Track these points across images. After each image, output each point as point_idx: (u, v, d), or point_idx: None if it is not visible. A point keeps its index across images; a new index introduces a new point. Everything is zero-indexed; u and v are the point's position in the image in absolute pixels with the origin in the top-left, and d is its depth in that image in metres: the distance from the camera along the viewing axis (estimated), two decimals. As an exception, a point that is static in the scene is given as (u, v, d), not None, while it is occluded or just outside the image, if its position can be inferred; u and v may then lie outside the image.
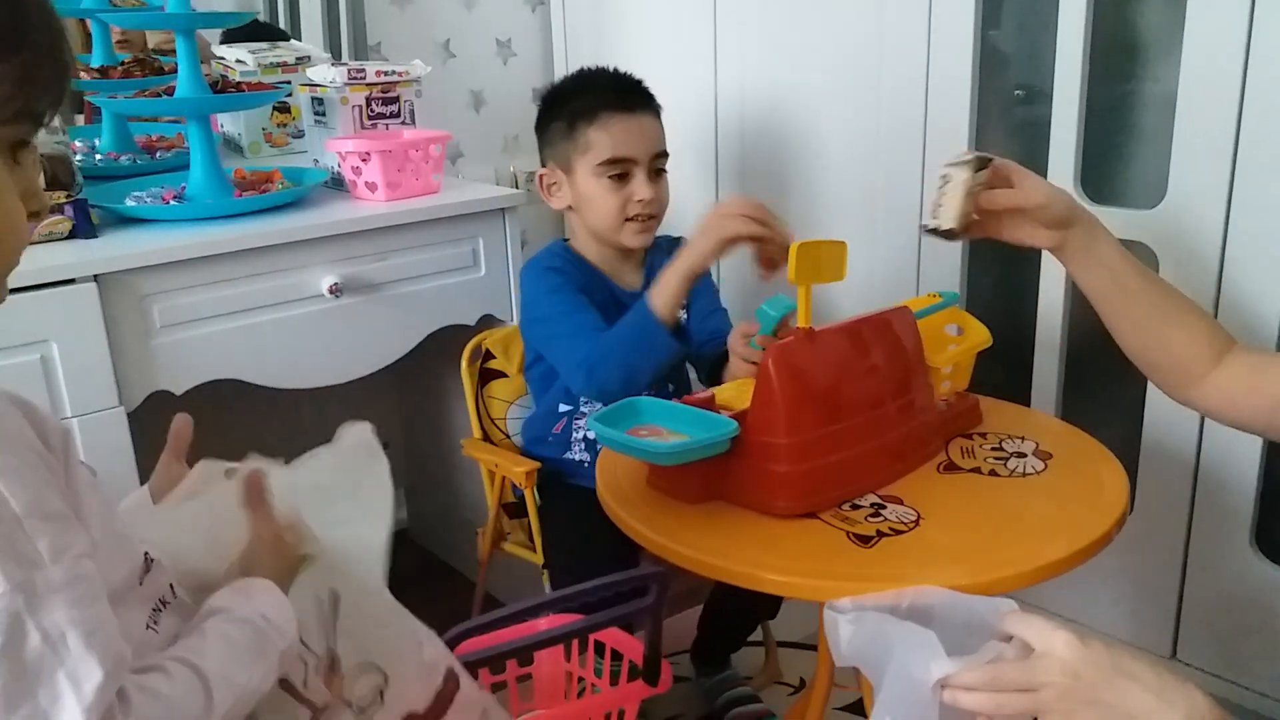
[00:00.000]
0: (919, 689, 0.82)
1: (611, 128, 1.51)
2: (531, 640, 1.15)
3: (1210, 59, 1.40)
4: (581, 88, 1.57)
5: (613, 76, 1.59)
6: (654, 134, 1.56)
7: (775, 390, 1.08)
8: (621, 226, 1.54)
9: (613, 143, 1.51)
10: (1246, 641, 1.55)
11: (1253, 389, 1.06)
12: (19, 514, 0.60)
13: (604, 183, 1.52)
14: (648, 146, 1.54)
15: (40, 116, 0.67)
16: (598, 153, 1.51)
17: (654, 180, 1.54)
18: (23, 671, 0.59)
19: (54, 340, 1.34)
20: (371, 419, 0.97)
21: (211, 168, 1.63)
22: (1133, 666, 0.77)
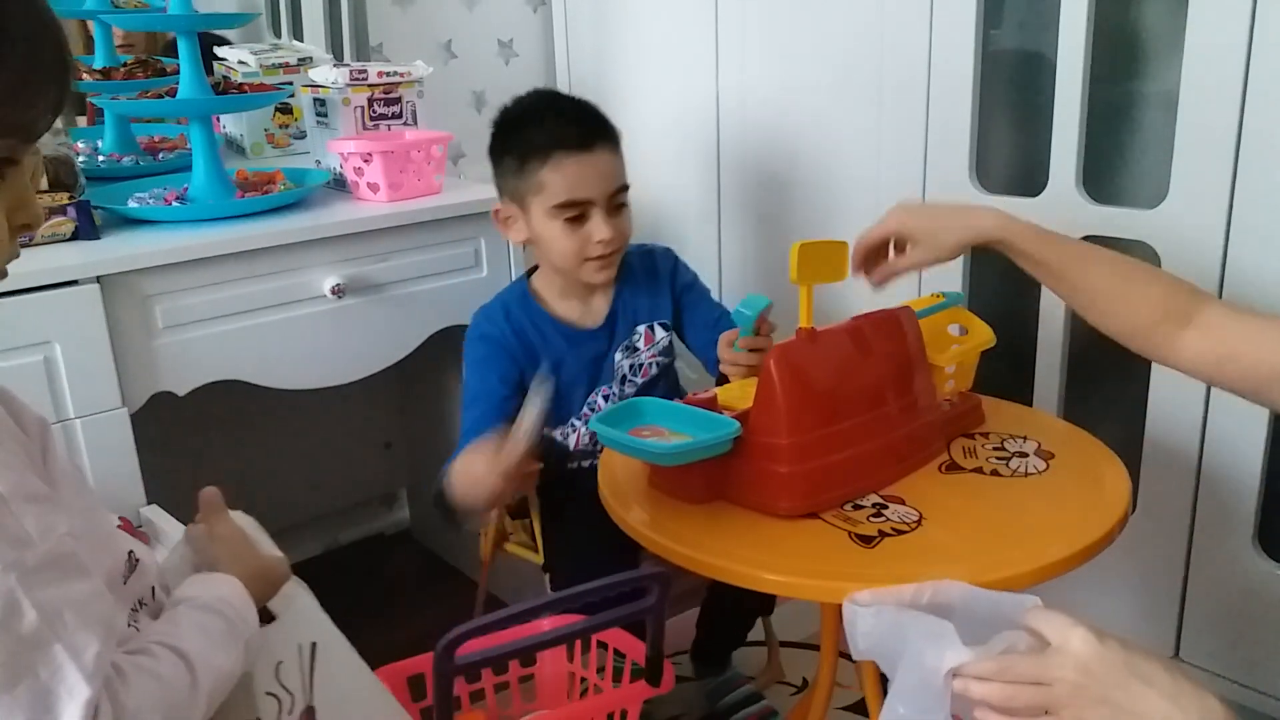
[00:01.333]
0: (931, 677, 0.82)
1: (564, 169, 1.41)
2: (534, 641, 1.15)
3: (1212, 58, 1.40)
4: (533, 120, 1.47)
5: (566, 109, 1.48)
6: (610, 171, 1.45)
7: (777, 390, 1.08)
8: (581, 265, 1.46)
9: (566, 185, 1.41)
10: (1249, 641, 1.55)
11: (1229, 356, 1.04)
12: (5, 496, 0.61)
13: (559, 224, 1.43)
14: (604, 186, 1.43)
15: (28, 130, 0.66)
16: (551, 194, 1.42)
17: (613, 216, 1.45)
18: (21, 649, 0.60)
19: (57, 341, 1.35)
20: (373, 419, 0.98)
21: (214, 169, 1.63)
22: (1148, 669, 0.77)
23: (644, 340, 1.54)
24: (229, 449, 2.03)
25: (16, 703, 0.59)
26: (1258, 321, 1.04)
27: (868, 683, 1.31)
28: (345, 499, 2.28)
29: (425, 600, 2.01)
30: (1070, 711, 0.78)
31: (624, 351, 1.54)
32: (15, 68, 0.63)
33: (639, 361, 1.54)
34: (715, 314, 1.58)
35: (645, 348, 1.54)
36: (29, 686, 0.60)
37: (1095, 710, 0.77)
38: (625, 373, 1.53)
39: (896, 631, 0.86)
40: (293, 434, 2.12)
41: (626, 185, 1.48)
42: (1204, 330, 1.06)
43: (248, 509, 1.05)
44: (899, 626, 0.86)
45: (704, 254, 2.15)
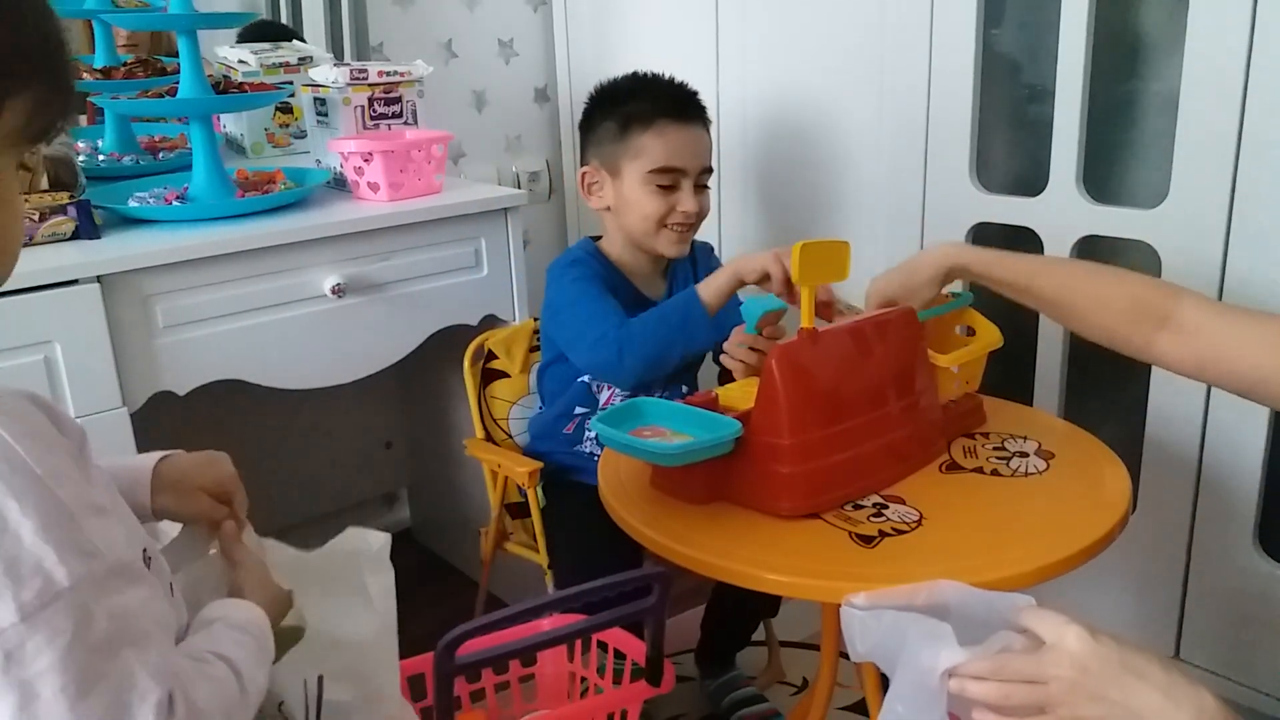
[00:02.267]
0: (928, 678, 0.83)
1: (667, 135, 1.51)
2: (534, 640, 1.15)
3: (1213, 58, 1.40)
4: (639, 92, 1.56)
5: (671, 84, 1.58)
6: (704, 147, 1.57)
7: (779, 391, 1.08)
8: (659, 233, 1.55)
9: (666, 151, 1.51)
10: (1249, 640, 1.55)
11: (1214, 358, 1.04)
12: (71, 509, 0.63)
13: (650, 189, 1.52)
14: (698, 159, 1.55)
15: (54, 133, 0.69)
16: (649, 159, 1.51)
17: (698, 192, 1.55)
18: (93, 657, 0.61)
19: (57, 341, 1.35)
20: (374, 419, 0.98)
21: (214, 168, 1.63)
22: (1142, 665, 0.77)
23: None
24: (229, 449, 2.02)
25: (91, 710, 0.61)
26: (1238, 320, 1.03)
27: (868, 683, 1.31)
28: (346, 498, 2.29)
29: (426, 600, 2.02)
30: (1066, 709, 0.78)
31: None
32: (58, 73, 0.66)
33: None
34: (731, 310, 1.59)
35: None
36: (102, 693, 0.61)
37: (1091, 707, 0.77)
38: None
39: (894, 633, 0.87)
40: (293, 434, 2.12)
41: (712, 168, 1.58)
42: (1180, 333, 1.05)
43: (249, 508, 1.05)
44: (897, 628, 0.87)
45: (704, 253, 2.15)
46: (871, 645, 0.89)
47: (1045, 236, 1.64)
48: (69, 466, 0.65)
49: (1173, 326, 1.06)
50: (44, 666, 0.60)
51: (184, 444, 1.98)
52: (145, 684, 0.63)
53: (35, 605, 0.60)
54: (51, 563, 0.60)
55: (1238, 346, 1.02)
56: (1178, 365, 1.07)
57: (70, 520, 0.62)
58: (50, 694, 0.59)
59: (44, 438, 0.64)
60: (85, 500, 0.65)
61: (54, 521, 0.61)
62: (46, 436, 0.65)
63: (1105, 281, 1.13)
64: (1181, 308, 1.06)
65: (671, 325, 1.42)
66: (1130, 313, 1.09)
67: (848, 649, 0.91)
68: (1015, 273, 1.18)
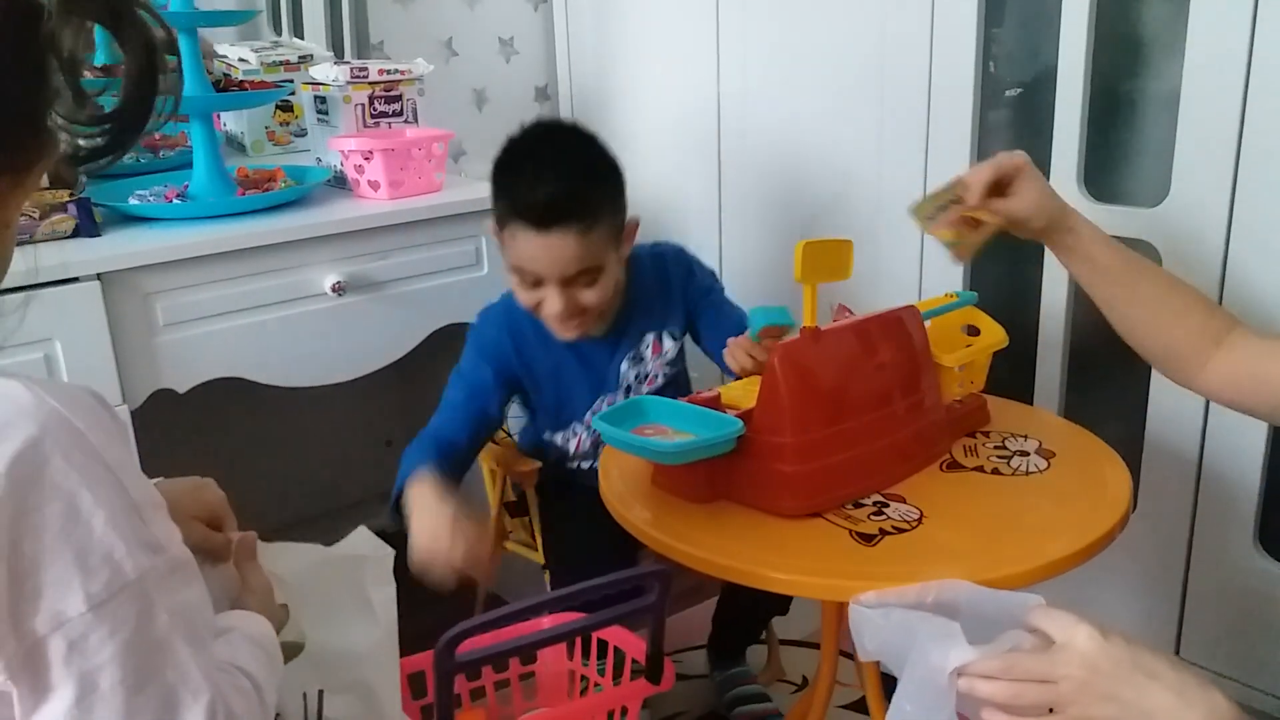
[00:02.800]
0: (937, 676, 0.82)
1: (518, 240, 1.35)
2: (534, 639, 1.15)
3: (1213, 56, 1.40)
4: (511, 174, 1.38)
5: (545, 173, 1.34)
6: (569, 255, 1.33)
7: (781, 389, 1.07)
8: (540, 318, 1.41)
9: (519, 256, 1.36)
10: (1250, 639, 1.55)
11: (1257, 377, 1.05)
12: (138, 503, 0.63)
13: (516, 279, 1.39)
14: (559, 269, 1.34)
15: None
16: (510, 253, 1.38)
17: (570, 289, 1.36)
18: (152, 651, 0.62)
19: (57, 339, 1.35)
20: (374, 417, 0.97)
21: (214, 166, 1.63)
22: (1154, 664, 0.77)
23: (652, 350, 1.52)
24: (229, 446, 2.03)
25: (146, 703, 0.61)
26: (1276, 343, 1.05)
27: (868, 681, 1.31)
28: (346, 496, 2.28)
29: (425, 598, 2.01)
30: (1076, 708, 0.78)
31: (630, 361, 1.51)
32: None
33: (645, 371, 1.53)
34: (735, 316, 1.50)
35: (653, 357, 1.52)
36: (157, 687, 0.62)
37: (1101, 706, 0.77)
38: (630, 382, 1.52)
39: (903, 632, 0.86)
40: (293, 431, 2.12)
41: (597, 266, 1.36)
42: (1228, 351, 1.07)
43: (248, 507, 1.05)
44: (905, 627, 0.86)
45: (705, 252, 2.14)
46: (880, 644, 0.89)
47: (1046, 235, 1.64)
48: (131, 459, 0.65)
49: (1225, 345, 1.07)
50: (105, 658, 0.60)
51: (184, 441, 1.99)
52: (198, 683, 0.63)
53: (103, 596, 0.60)
54: (121, 554, 0.61)
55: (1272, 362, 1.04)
56: (1218, 386, 1.08)
57: (136, 513, 0.63)
58: (108, 686, 0.60)
59: (109, 429, 0.64)
60: (147, 494, 0.65)
61: (122, 513, 0.61)
62: (111, 429, 0.65)
63: (1189, 293, 1.11)
64: (1235, 329, 1.08)
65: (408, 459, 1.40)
66: (1200, 328, 1.08)
67: (856, 648, 0.91)
68: (1125, 262, 1.12)
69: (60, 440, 0.60)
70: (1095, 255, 1.13)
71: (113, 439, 0.64)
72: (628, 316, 1.51)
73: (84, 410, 0.63)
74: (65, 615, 0.59)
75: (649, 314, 1.52)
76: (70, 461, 0.60)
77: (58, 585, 0.59)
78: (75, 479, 0.60)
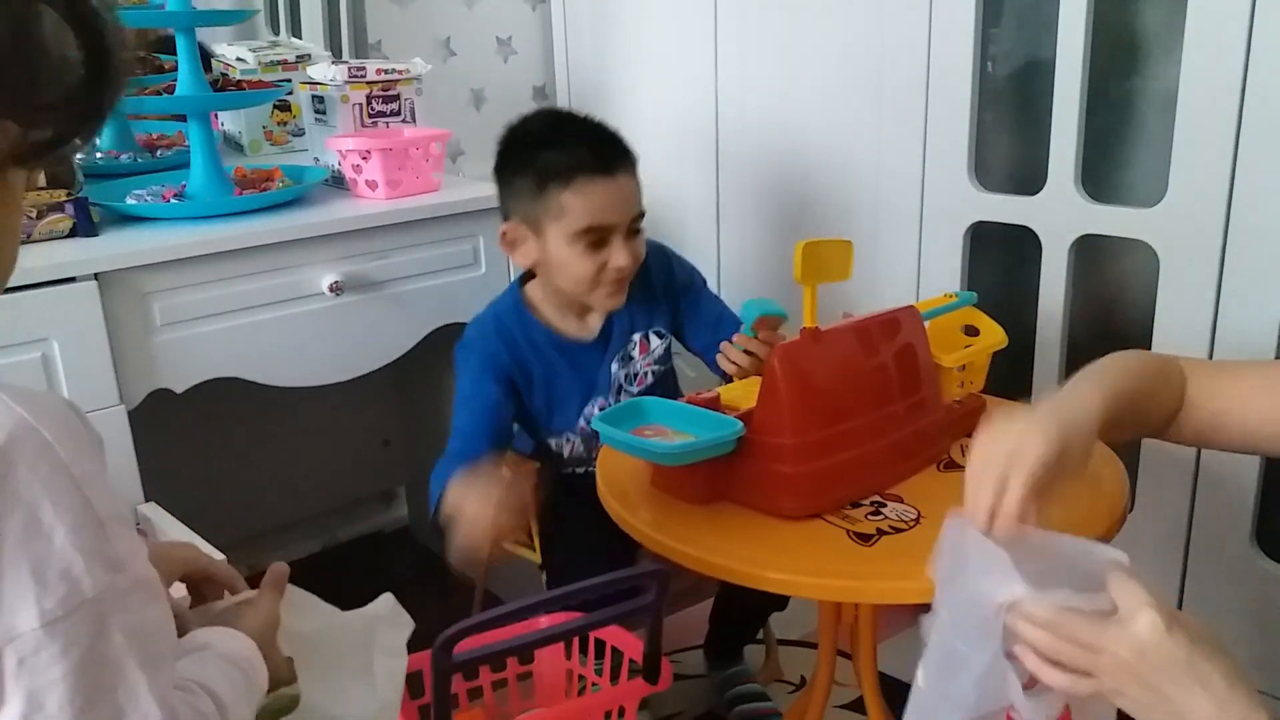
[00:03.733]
0: (984, 608, 0.79)
1: (589, 194, 1.36)
2: (531, 638, 1.14)
3: (1211, 56, 1.40)
4: (553, 141, 1.40)
5: (588, 131, 1.42)
6: (633, 196, 1.41)
7: (781, 390, 1.07)
8: (593, 291, 1.42)
9: (590, 211, 1.36)
10: (1248, 640, 1.55)
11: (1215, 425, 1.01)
12: (103, 518, 0.61)
13: (577, 249, 1.38)
14: (627, 210, 1.39)
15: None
16: (573, 220, 1.36)
17: (630, 241, 1.41)
18: (104, 671, 0.60)
19: (55, 338, 1.34)
20: (372, 417, 0.97)
21: (212, 166, 1.63)
22: (1207, 669, 0.74)
23: (639, 349, 1.53)
24: (227, 446, 2.03)
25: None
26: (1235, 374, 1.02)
27: (866, 681, 1.31)
28: (343, 496, 2.28)
29: (423, 598, 1.99)
30: (1112, 681, 0.76)
31: (619, 362, 1.52)
32: None
33: (634, 371, 1.53)
34: (716, 312, 1.56)
35: (640, 357, 1.53)
36: (106, 708, 0.60)
37: (1138, 691, 0.75)
38: (621, 383, 1.52)
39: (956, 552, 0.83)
40: (291, 431, 2.12)
41: (644, 211, 1.43)
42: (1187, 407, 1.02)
43: (246, 507, 1.05)
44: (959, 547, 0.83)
45: (703, 252, 2.15)
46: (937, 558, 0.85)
47: (1043, 235, 1.64)
48: (101, 473, 0.64)
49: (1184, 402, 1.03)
50: (55, 677, 0.58)
51: (181, 441, 1.99)
52: (148, 707, 0.61)
53: (57, 613, 0.58)
54: (79, 571, 0.59)
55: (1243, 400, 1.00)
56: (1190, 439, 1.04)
57: (100, 528, 0.61)
58: (55, 706, 0.58)
59: (80, 441, 0.63)
60: (113, 509, 0.63)
61: (85, 528, 0.60)
62: (82, 440, 0.63)
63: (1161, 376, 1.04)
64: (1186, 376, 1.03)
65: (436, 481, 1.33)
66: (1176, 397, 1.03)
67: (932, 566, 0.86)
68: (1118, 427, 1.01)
69: (26, 450, 0.58)
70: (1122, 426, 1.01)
71: (83, 451, 0.62)
72: (615, 319, 1.51)
73: (54, 421, 0.61)
74: (17, 630, 0.57)
75: (634, 314, 1.52)
76: (35, 472, 0.58)
77: (12, 599, 0.57)
78: (38, 490, 0.58)
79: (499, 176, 1.47)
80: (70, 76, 0.61)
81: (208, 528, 1.32)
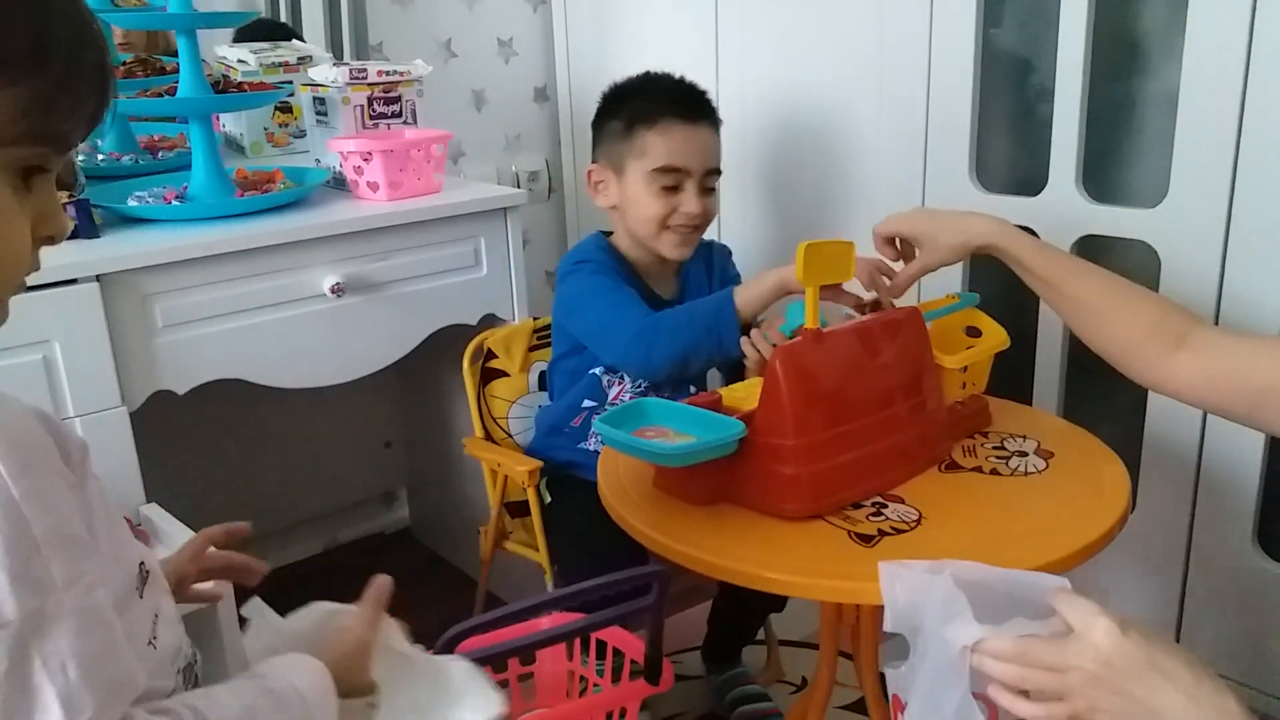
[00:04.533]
0: (949, 651, 0.82)
1: (670, 134, 1.50)
2: (533, 639, 1.14)
3: (1212, 57, 1.40)
4: (646, 89, 1.55)
5: (680, 83, 1.57)
6: (711, 148, 1.55)
7: (783, 391, 1.07)
8: (661, 234, 1.53)
9: (669, 150, 1.50)
10: (1249, 639, 1.55)
11: (1229, 375, 1.04)
12: (38, 538, 0.59)
13: (653, 189, 1.50)
14: (703, 159, 1.52)
15: (62, 140, 0.64)
16: (652, 158, 1.50)
17: (703, 194, 1.53)
18: (19, 697, 0.58)
19: (56, 340, 1.35)
20: (373, 418, 0.96)
21: (213, 168, 1.63)
22: (1169, 664, 0.76)
23: None
24: (229, 448, 2.03)
25: None
26: (1249, 341, 1.05)
27: (867, 682, 1.31)
28: (345, 498, 2.29)
29: (425, 598, 2.01)
30: (1083, 700, 0.77)
31: None
32: (56, 75, 0.62)
33: None
34: None
35: None
36: None
37: (1109, 701, 0.77)
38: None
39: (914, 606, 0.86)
40: (292, 433, 2.12)
41: (720, 170, 1.56)
42: (1195, 351, 1.06)
43: (248, 507, 1.05)
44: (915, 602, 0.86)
45: (704, 253, 2.15)
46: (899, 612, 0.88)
47: (1045, 236, 1.63)
48: (54, 491, 0.61)
49: (1189, 345, 1.07)
50: None
51: (183, 443, 1.99)
52: None
53: None
54: (3, 593, 0.57)
55: (1248, 361, 1.03)
56: (1188, 384, 1.07)
57: (33, 550, 0.58)
58: None
59: (36, 453, 0.61)
60: (60, 530, 0.61)
61: (15, 549, 0.57)
62: (39, 457, 0.61)
63: (1136, 294, 1.13)
64: (1197, 329, 1.08)
65: (700, 326, 1.40)
66: (1153, 327, 1.09)
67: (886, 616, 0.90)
68: (1051, 267, 1.16)
69: None
70: (1027, 263, 1.17)
71: (37, 465, 0.60)
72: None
73: (7, 433, 0.59)
74: None
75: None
76: None
77: None
78: None
79: (595, 125, 1.60)
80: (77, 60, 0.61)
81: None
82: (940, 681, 0.84)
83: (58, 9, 0.62)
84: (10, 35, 0.59)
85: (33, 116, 0.61)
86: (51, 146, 0.64)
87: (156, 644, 0.74)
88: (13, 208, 0.63)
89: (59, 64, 0.62)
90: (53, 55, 0.61)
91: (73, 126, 0.65)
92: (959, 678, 0.83)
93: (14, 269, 0.64)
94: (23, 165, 0.63)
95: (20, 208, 0.63)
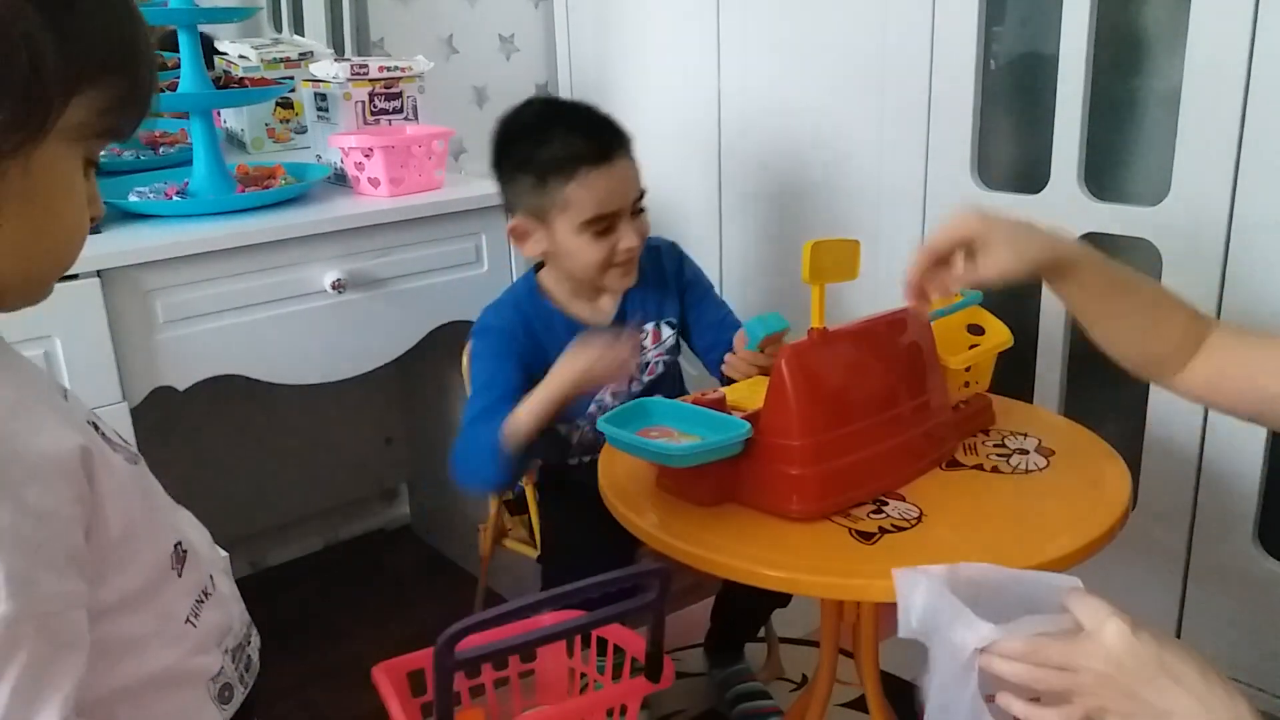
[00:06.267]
0: (960, 654, 0.82)
1: (592, 184, 1.38)
2: (533, 636, 1.14)
3: (1214, 55, 1.40)
4: (548, 136, 1.41)
5: (581, 120, 1.44)
6: (633, 179, 1.44)
7: (788, 391, 1.07)
8: (605, 274, 1.45)
9: (595, 200, 1.39)
10: (1249, 638, 1.55)
11: (1236, 378, 1.03)
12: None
13: (586, 237, 1.41)
14: (629, 193, 1.43)
15: (121, 135, 0.70)
16: (578, 211, 1.39)
17: (636, 221, 1.45)
18: None
19: (57, 335, 1.35)
20: (374, 414, 0.96)
21: (214, 163, 1.63)
22: (1180, 667, 0.76)
23: (651, 339, 1.54)
24: (229, 444, 2.03)
25: None
26: (1259, 341, 1.04)
27: (868, 680, 1.31)
28: (345, 494, 2.29)
29: (425, 596, 2.01)
30: (1093, 700, 0.77)
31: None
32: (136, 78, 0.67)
33: (645, 360, 1.53)
34: (720, 314, 1.57)
35: (652, 346, 1.54)
36: None
37: (1120, 702, 0.76)
38: (632, 371, 1.53)
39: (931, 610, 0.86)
40: (293, 429, 2.12)
41: (645, 190, 1.46)
42: (1208, 352, 1.04)
43: (248, 505, 1.05)
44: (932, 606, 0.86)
45: (705, 252, 2.15)
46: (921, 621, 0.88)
47: (1046, 234, 1.64)
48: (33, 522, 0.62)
49: (1205, 347, 1.05)
50: None
51: (184, 438, 1.99)
52: None
53: None
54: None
55: (1260, 363, 1.01)
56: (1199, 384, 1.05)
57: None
58: None
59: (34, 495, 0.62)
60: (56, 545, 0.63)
61: None
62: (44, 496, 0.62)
63: (1166, 304, 1.06)
64: (1211, 332, 1.05)
65: (477, 456, 1.37)
66: (1182, 338, 1.05)
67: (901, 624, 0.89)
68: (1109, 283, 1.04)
69: None
70: (1086, 282, 1.05)
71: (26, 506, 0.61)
72: (628, 307, 1.53)
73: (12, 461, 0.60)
74: None
75: (646, 303, 1.54)
76: None
77: None
78: None
79: (498, 173, 1.49)
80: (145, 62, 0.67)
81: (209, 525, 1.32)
82: (952, 685, 0.83)
83: (140, 17, 0.69)
84: (112, 40, 0.65)
85: (112, 114, 0.66)
86: (114, 140, 0.70)
87: (197, 622, 0.75)
88: (82, 194, 0.68)
89: (142, 68, 0.68)
90: (139, 60, 0.68)
91: (134, 123, 0.71)
92: (970, 681, 0.82)
93: (78, 248, 0.70)
94: (89, 156, 0.69)
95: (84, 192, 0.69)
